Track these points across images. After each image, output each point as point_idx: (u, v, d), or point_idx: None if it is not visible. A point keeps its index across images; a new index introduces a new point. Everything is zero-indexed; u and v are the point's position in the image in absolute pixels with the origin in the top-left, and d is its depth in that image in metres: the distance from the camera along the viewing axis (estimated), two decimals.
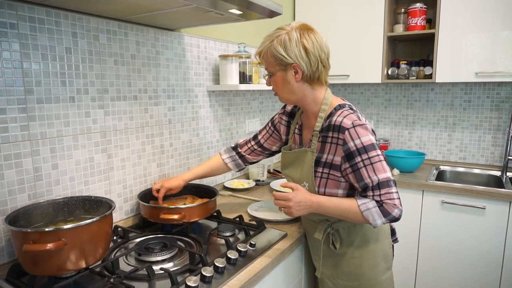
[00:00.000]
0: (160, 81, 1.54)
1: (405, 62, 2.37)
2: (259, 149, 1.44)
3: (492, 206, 1.87)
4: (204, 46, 1.77)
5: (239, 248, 1.13)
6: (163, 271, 1.01)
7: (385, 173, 1.04)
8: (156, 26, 1.49)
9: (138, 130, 1.47)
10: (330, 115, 1.11)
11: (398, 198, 1.05)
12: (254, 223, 1.35)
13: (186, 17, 1.31)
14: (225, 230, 1.30)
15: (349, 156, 1.05)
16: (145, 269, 0.99)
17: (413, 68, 2.33)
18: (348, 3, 2.37)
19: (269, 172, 2.22)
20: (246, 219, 1.44)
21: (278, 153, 1.44)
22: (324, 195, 1.13)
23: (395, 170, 2.21)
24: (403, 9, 2.30)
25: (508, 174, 2.17)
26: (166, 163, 1.62)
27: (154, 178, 1.56)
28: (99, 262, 1.06)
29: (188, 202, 1.43)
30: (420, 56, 2.51)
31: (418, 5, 2.20)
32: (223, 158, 1.47)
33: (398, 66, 2.37)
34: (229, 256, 1.07)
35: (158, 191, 1.39)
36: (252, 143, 1.45)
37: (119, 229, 1.30)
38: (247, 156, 1.45)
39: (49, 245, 0.87)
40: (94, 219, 0.95)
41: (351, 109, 1.11)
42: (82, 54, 1.23)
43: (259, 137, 1.44)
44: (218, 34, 1.88)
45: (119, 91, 1.37)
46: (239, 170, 1.51)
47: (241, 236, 1.30)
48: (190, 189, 1.55)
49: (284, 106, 1.36)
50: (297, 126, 1.27)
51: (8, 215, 0.98)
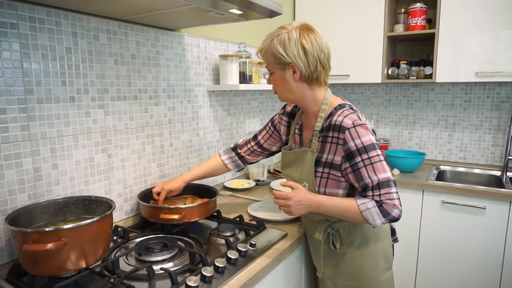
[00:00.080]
0: (160, 81, 1.54)
1: (405, 62, 2.37)
2: (259, 150, 1.44)
3: (492, 206, 1.87)
4: (204, 46, 1.77)
5: (239, 248, 1.13)
6: (163, 271, 1.01)
7: (385, 173, 1.04)
8: (156, 26, 1.49)
9: (138, 130, 1.47)
10: (331, 115, 1.11)
11: (398, 199, 1.05)
12: (254, 223, 1.35)
13: (186, 17, 1.31)
14: (225, 230, 1.30)
15: (349, 156, 1.05)
16: (145, 269, 0.99)
17: (413, 68, 2.33)
18: (348, 3, 2.37)
19: (269, 172, 2.22)
20: (246, 219, 1.44)
21: (278, 153, 1.44)
22: (325, 195, 1.14)
23: (395, 170, 2.21)
24: (403, 9, 2.30)
25: (508, 174, 2.17)
26: (166, 163, 1.62)
27: (154, 178, 1.56)
28: (99, 262, 1.06)
29: (188, 202, 1.43)
30: (420, 56, 2.51)
31: (418, 5, 2.20)
32: (223, 159, 1.47)
33: (398, 66, 2.37)
34: (229, 256, 1.07)
35: (159, 194, 1.39)
36: (252, 144, 1.45)
37: (119, 229, 1.30)
38: (247, 157, 1.45)
39: (49, 245, 0.87)
40: (94, 219, 0.95)
41: (352, 109, 1.11)
42: (82, 54, 1.23)
43: (259, 138, 1.43)
44: (218, 34, 1.88)
45: (119, 91, 1.37)
46: (239, 170, 1.51)
47: (241, 236, 1.30)
48: (190, 189, 1.55)
49: (284, 107, 1.36)
50: (297, 126, 1.27)
51: (8, 215, 0.98)
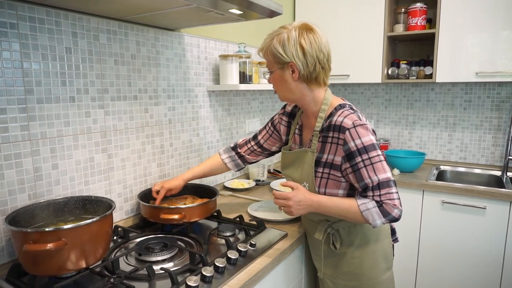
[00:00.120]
0: (160, 81, 1.54)
1: (405, 62, 2.37)
2: (259, 150, 1.44)
3: (493, 206, 1.87)
4: (204, 46, 1.77)
5: (239, 248, 1.13)
6: (164, 271, 1.01)
7: (385, 173, 1.04)
8: (156, 26, 1.49)
9: (138, 130, 1.47)
10: (331, 115, 1.11)
11: (398, 199, 1.05)
12: (254, 223, 1.35)
13: (186, 17, 1.31)
14: (225, 230, 1.30)
15: (350, 156, 1.05)
16: (146, 269, 0.99)
17: (413, 68, 2.33)
18: (348, 3, 2.37)
19: (269, 172, 2.22)
20: (246, 219, 1.44)
21: (278, 153, 1.44)
22: (325, 195, 1.13)
23: (395, 170, 2.21)
24: (403, 9, 2.30)
25: (509, 174, 2.17)
26: (166, 163, 1.62)
27: (154, 178, 1.56)
28: (99, 262, 1.06)
29: (188, 202, 1.43)
30: (420, 56, 2.51)
31: (418, 5, 2.20)
32: (223, 158, 1.47)
33: (398, 66, 2.36)
34: (229, 256, 1.07)
35: (158, 193, 1.39)
36: (252, 143, 1.45)
37: (119, 229, 1.30)
38: (247, 157, 1.45)
39: (49, 245, 0.87)
40: (94, 219, 0.95)
41: (352, 109, 1.11)
42: (82, 54, 1.23)
43: (259, 138, 1.43)
44: (218, 34, 1.88)
45: (119, 91, 1.37)
46: (238, 170, 1.51)
47: (241, 236, 1.30)
48: (190, 189, 1.55)
49: (284, 106, 1.36)
50: (297, 126, 1.27)
51: (8, 215, 0.98)
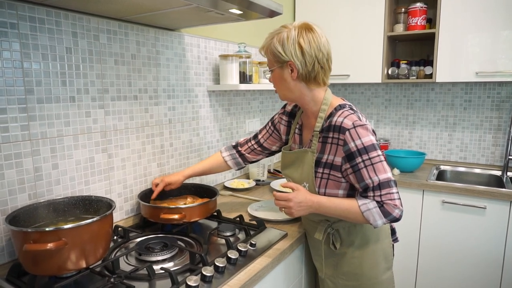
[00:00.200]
0: (160, 81, 1.54)
1: (405, 62, 2.37)
2: (259, 149, 1.44)
3: (493, 206, 1.87)
4: (204, 46, 1.77)
5: (240, 248, 1.13)
6: (164, 271, 1.01)
7: (386, 174, 1.04)
8: (157, 26, 1.49)
9: (139, 130, 1.47)
10: (331, 115, 1.11)
11: (399, 199, 1.05)
12: (255, 223, 1.35)
13: (187, 17, 1.31)
14: (226, 230, 1.30)
15: (350, 157, 1.05)
16: (146, 269, 0.99)
17: (413, 68, 2.33)
18: (348, 3, 2.36)
19: (269, 172, 2.22)
20: (246, 219, 1.44)
21: (278, 153, 1.44)
22: (325, 196, 1.14)
23: (396, 170, 2.21)
24: (403, 9, 2.30)
25: (509, 174, 2.17)
26: (167, 163, 1.62)
27: (155, 178, 1.56)
28: (100, 262, 1.06)
29: (189, 202, 1.43)
30: (420, 56, 2.51)
31: (418, 5, 2.20)
32: (223, 156, 1.47)
33: (398, 66, 2.36)
34: (230, 256, 1.07)
35: (158, 186, 1.40)
36: (252, 142, 1.45)
37: (120, 229, 1.30)
38: (247, 155, 1.46)
39: (50, 245, 0.87)
40: (95, 219, 0.95)
41: (352, 109, 1.11)
42: (83, 54, 1.23)
43: (259, 137, 1.44)
44: (218, 34, 1.88)
45: (120, 91, 1.37)
46: (239, 169, 1.51)
47: (242, 236, 1.30)
48: (191, 189, 1.55)
49: (284, 106, 1.36)
50: (298, 126, 1.27)
51: (9, 215, 0.99)
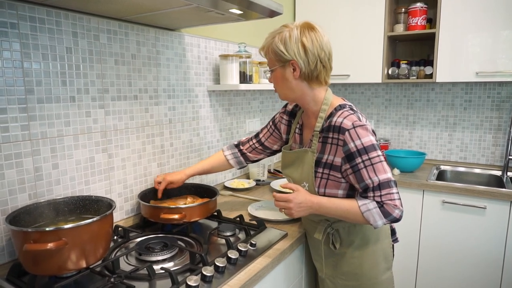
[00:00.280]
0: (161, 81, 1.54)
1: (406, 62, 2.37)
2: (260, 148, 1.44)
3: (493, 206, 1.87)
4: (205, 46, 1.77)
5: (240, 248, 1.13)
6: (164, 271, 1.01)
7: (386, 174, 1.04)
8: (157, 26, 1.49)
9: (139, 130, 1.47)
10: (331, 116, 1.11)
11: (399, 199, 1.05)
12: (255, 223, 1.35)
13: (187, 17, 1.31)
14: (226, 230, 1.30)
15: (350, 157, 1.05)
16: (146, 269, 0.99)
17: (414, 68, 2.33)
18: (349, 3, 2.36)
19: (270, 172, 2.22)
20: (247, 219, 1.44)
21: (279, 153, 1.44)
22: (324, 196, 1.13)
23: (396, 170, 2.21)
24: (404, 9, 2.30)
25: (509, 174, 2.17)
26: (167, 163, 1.62)
27: (155, 178, 1.56)
28: (100, 262, 1.06)
29: (189, 202, 1.43)
30: (421, 56, 2.51)
31: (419, 5, 2.20)
32: (225, 155, 1.47)
33: (399, 66, 2.36)
34: (230, 256, 1.07)
35: (160, 184, 1.40)
36: (254, 141, 1.45)
37: (120, 229, 1.30)
38: (249, 154, 1.46)
39: (50, 245, 0.87)
40: (95, 219, 0.95)
41: (352, 110, 1.11)
42: (83, 54, 1.23)
43: (260, 136, 1.44)
44: (219, 34, 1.88)
45: (120, 91, 1.37)
46: (240, 168, 1.52)
47: (242, 236, 1.30)
48: (191, 189, 1.55)
49: (285, 105, 1.37)
50: (298, 126, 1.27)
51: (9, 215, 0.99)
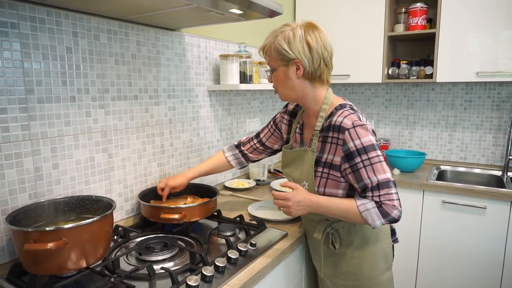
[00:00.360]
0: (161, 81, 1.54)
1: (406, 62, 2.37)
2: (261, 148, 1.44)
3: (493, 206, 1.87)
4: (205, 46, 1.77)
5: (240, 248, 1.13)
6: (164, 271, 1.01)
7: (385, 174, 1.04)
8: (157, 26, 1.49)
9: (139, 130, 1.47)
10: (331, 115, 1.11)
11: (398, 199, 1.05)
12: (255, 223, 1.35)
13: (187, 17, 1.31)
14: (226, 230, 1.30)
15: (349, 157, 1.05)
16: (146, 269, 1.00)
17: (414, 68, 2.33)
18: (349, 3, 2.36)
19: (270, 172, 2.22)
20: (247, 219, 1.44)
21: (279, 153, 1.44)
22: (324, 195, 1.13)
23: (396, 170, 2.20)
24: (404, 9, 2.30)
25: (509, 174, 2.17)
26: (167, 163, 1.62)
27: (155, 178, 1.56)
28: (100, 262, 1.06)
29: (189, 202, 1.43)
30: (421, 56, 2.51)
31: (419, 5, 2.19)
32: (226, 156, 1.47)
33: (399, 66, 2.36)
34: (230, 256, 1.07)
35: (163, 190, 1.40)
36: (255, 141, 1.45)
37: (120, 229, 1.30)
38: (249, 155, 1.46)
39: (50, 245, 0.87)
40: (95, 219, 0.95)
41: (352, 109, 1.11)
42: (83, 54, 1.23)
43: (261, 136, 1.44)
44: (219, 34, 1.88)
45: (120, 91, 1.37)
46: (241, 168, 1.52)
47: (242, 236, 1.30)
48: (191, 189, 1.55)
49: (286, 105, 1.37)
50: (298, 125, 1.27)
51: (9, 215, 0.99)
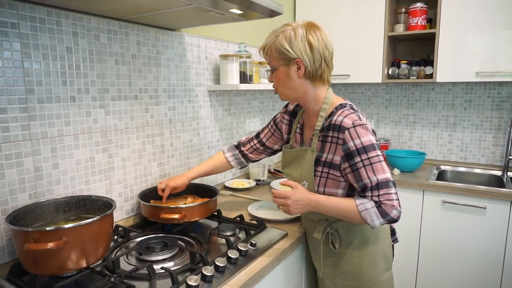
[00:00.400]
0: (161, 81, 1.54)
1: (406, 62, 2.37)
2: (261, 148, 1.44)
3: (493, 206, 1.87)
4: (205, 46, 1.77)
5: (240, 248, 1.13)
6: (164, 271, 1.01)
7: (384, 174, 1.04)
8: (157, 26, 1.50)
9: (139, 130, 1.47)
10: (331, 115, 1.11)
11: (397, 199, 1.04)
12: (255, 223, 1.35)
13: (187, 17, 1.31)
14: (226, 230, 1.30)
15: (349, 156, 1.05)
16: (146, 269, 1.00)
17: (414, 68, 2.33)
18: (349, 3, 2.37)
19: (270, 172, 2.22)
20: (247, 219, 1.44)
21: (279, 152, 1.44)
22: (324, 195, 1.14)
23: (396, 170, 2.20)
24: (404, 9, 2.30)
25: (509, 174, 2.17)
26: (167, 163, 1.62)
27: (155, 178, 1.56)
28: (100, 262, 1.06)
29: (189, 202, 1.43)
30: (421, 56, 2.51)
31: (419, 5, 2.20)
32: (226, 156, 1.47)
33: (399, 66, 2.36)
34: (230, 256, 1.07)
35: (164, 191, 1.40)
36: (255, 142, 1.45)
37: (120, 229, 1.30)
38: (250, 155, 1.46)
39: (50, 244, 0.88)
40: (95, 219, 0.95)
41: (352, 109, 1.11)
42: (83, 54, 1.23)
43: (261, 136, 1.44)
44: (219, 34, 1.88)
45: (120, 91, 1.37)
46: (241, 168, 1.52)
47: (242, 236, 1.30)
48: (191, 189, 1.55)
49: (286, 105, 1.37)
50: (299, 125, 1.27)
51: (9, 215, 0.99)
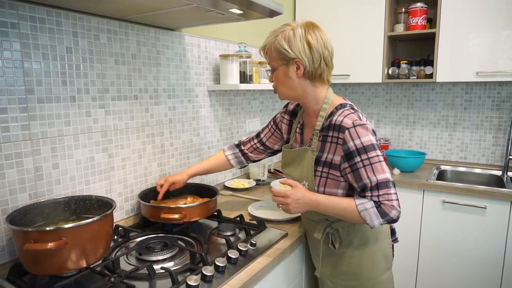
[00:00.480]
0: (161, 81, 1.54)
1: (406, 62, 2.37)
2: (261, 148, 1.44)
3: (493, 206, 1.87)
4: (205, 46, 1.77)
5: (240, 248, 1.13)
6: (164, 271, 1.01)
7: (384, 174, 1.04)
8: (157, 26, 1.50)
9: (139, 130, 1.47)
10: (331, 114, 1.11)
11: (397, 200, 1.04)
12: (255, 223, 1.35)
13: (187, 17, 1.31)
14: (226, 230, 1.30)
15: (349, 156, 1.05)
16: (146, 269, 1.00)
17: (414, 68, 2.33)
18: (349, 3, 2.37)
19: (270, 172, 2.22)
20: (247, 219, 1.44)
21: (279, 153, 1.44)
22: (324, 194, 1.13)
23: (396, 170, 2.20)
24: (404, 9, 2.30)
25: (509, 174, 2.17)
26: (167, 163, 1.62)
27: (155, 178, 1.56)
28: (100, 262, 1.06)
29: (189, 202, 1.43)
30: (421, 56, 2.51)
31: (419, 5, 2.20)
32: (226, 155, 1.47)
33: (399, 66, 2.36)
34: (230, 256, 1.07)
35: (163, 186, 1.41)
36: (255, 141, 1.45)
37: (120, 229, 1.30)
38: (250, 154, 1.46)
39: (50, 244, 0.87)
40: (95, 219, 0.95)
41: (352, 109, 1.11)
42: (83, 54, 1.23)
43: (262, 136, 1.44)
44: (219, 34, 1.88)
45: (120, 91, 1.37)
46: (241, 167, 1.52)
47: (242, 236, 1.30)
48: (191, 189, 1.55)
49: (286, 105, 1.37)
50: (299, 125, 1.27)
51: (9, 215, 0.99)
